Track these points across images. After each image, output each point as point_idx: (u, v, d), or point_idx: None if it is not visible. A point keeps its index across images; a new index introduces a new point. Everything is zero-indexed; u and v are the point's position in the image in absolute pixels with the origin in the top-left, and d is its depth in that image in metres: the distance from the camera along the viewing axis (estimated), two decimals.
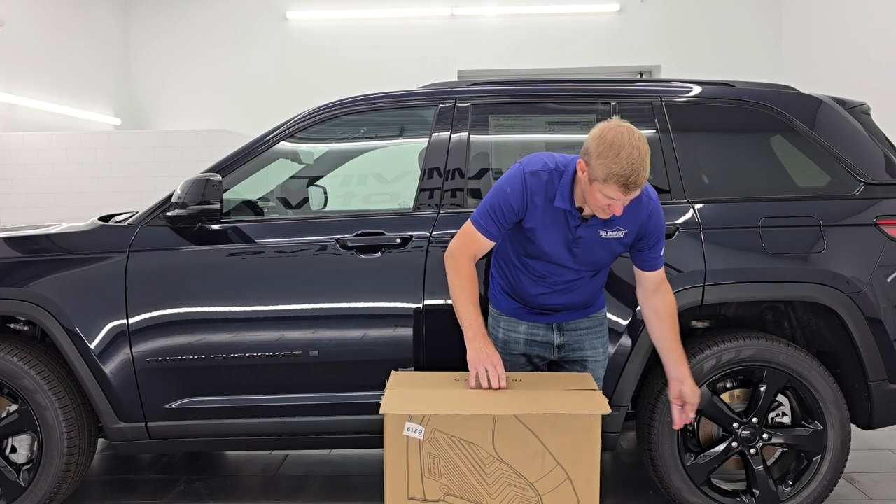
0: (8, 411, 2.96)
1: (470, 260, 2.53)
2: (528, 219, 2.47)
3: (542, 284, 2.60)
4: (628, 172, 2.20)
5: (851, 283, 2.86)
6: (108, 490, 3.51)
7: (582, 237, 2.48)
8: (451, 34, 10.18)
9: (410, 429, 2.29)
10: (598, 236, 2.48)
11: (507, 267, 2.67)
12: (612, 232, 2.48)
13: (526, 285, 2.62)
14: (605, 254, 2.54)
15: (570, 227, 2.47)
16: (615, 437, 2.93)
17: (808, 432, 2.91)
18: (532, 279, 2.60)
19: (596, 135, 2.28)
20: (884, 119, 3.61)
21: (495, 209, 2.46)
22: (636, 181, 2.22)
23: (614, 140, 2.22)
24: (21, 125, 7.92)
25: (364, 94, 3.22)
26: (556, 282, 2.59)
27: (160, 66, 10.34)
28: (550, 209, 2.45)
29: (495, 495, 2.32)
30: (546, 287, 2.60)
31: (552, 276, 2.57)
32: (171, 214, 2.97)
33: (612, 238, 2.49)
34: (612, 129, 2.26)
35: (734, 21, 10.03)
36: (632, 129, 2.26)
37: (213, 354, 2.92)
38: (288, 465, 3.78)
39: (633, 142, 2.22)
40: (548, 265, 2.55)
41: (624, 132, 2.24)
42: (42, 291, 2.91)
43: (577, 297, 2.64)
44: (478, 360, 2.41)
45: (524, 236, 2.52)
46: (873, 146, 3.08)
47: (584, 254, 2.51)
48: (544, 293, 2.61)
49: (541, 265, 2.56)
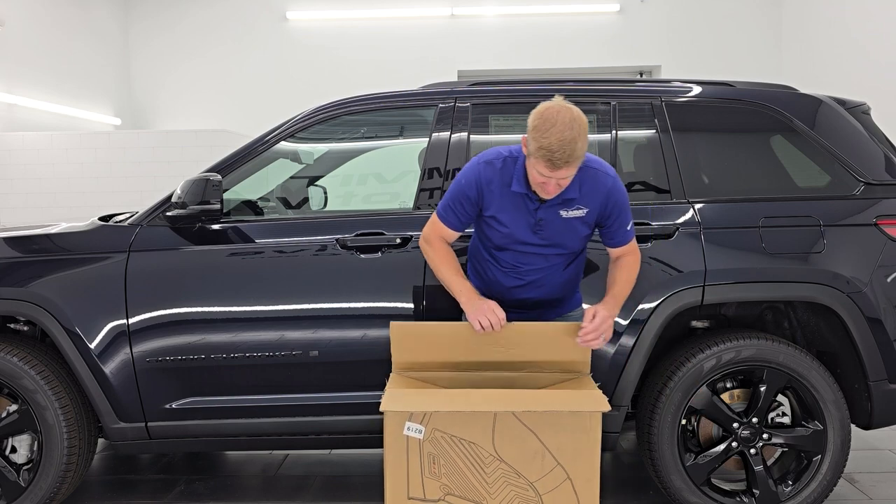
0: (8, 411, 2.96)
1: (442, 241, 2.63)
2: (487, 206, 2.54)
3: (514, 276, 2.63)
4: (555, 148, 2.27)
5: (851, 283, 2.86)
6: (108, 490, 3.51)
7: (543, 219, 2.53)
8: (451, 34, 10.19)
9: (410, 428, 2.30)
10: (560, 217, 2.53)
11: (479, 264, 2.71)
12: (572, 211, 2.52)
13: (499, 279, 2.66)
14: (570, 234, 2.57)
15: (529, 211, 2.53)
16: (615, 437, 2.93)
17: (808, 432, 2.91)
18: (504, 271, 2.64)
19: (536, 111, 2.37)
20: (884, 119, 3.61)
21: (454, 201, 2.56)
22: (563, 159, 2.28)
23: (549, 117, 2.31)
24: (21, 125, 7.92)
25: (364, 94, 3.22)
26: (528, 271, 2.62)
27: (160, 66, 10.34)
28: (508, 195, 2.52)
29: (495, 495, 2.32)
30: (518, 279, 2.63)
31: (522, 266, 2.61)
32: (171, 214, 2.97)
33: (573, 217, 2.53)
34: (552, 106, 2.35)
35: (734, 21, 10.03)
36: (570, 109, 2.33)
37: (213, 354, 2.92)
38: (288, 465, 3.78)
39: (566, 120, 2.29)
40: (516, 255, 2.60)
41: (562, 111, 2.32)
42: (42, 291, 2.91)
43: (550, 290, 2.67)
44: (477, 311, 2.50)
45: (489, 226, 2.59)
46: (873, 146, 3.08)
47: (549, 235, 2.55)
48: (517, 286, 2.64)
49: (510, 255, 2.61)
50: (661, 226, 2.92)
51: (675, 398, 2.85)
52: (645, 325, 2.85)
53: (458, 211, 2.57)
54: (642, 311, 2.85)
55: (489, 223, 2.58)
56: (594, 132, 3.19)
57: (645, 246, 2.89)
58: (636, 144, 3.17)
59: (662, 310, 2.85)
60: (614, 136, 3.08)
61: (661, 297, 2.85)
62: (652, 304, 2.85)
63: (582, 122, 2.32)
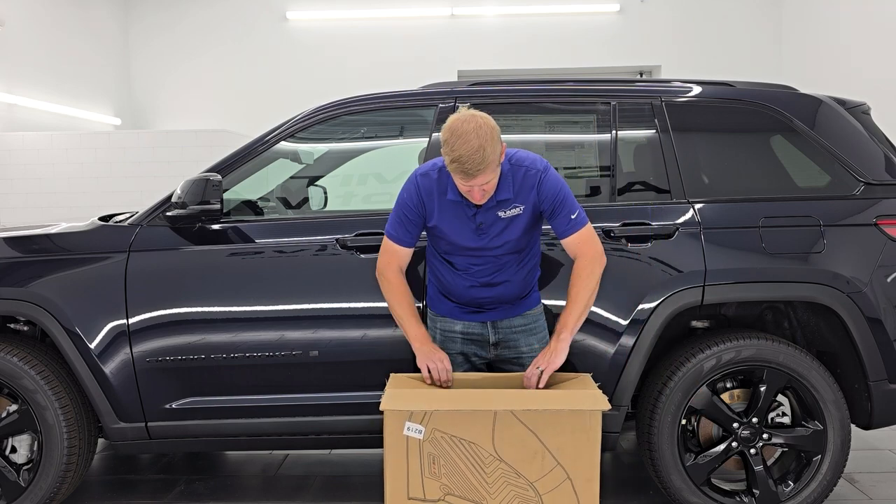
0: (8, 411, 2.96)
1: (397, 273, 2.65)
2: (430, 217, 2.58)
3: (467, 277, 2.66)
4: (465, 159, 2.30)
5: (851, 283, 2.86)
6: (108, 490, 3.51)
7: (483, 223, 2.55)
8: (451, 34, 10.18)
9: (410, 428, 2.30)
10: (499, 217, 2.56)
11: (436, 268, 2.73)
12: (509, 211, 2.55)
13: (455, 281, 2.68)
14: (514, 232, 2.58)
15: (469, 216, 2.55)
16: (615, 437, 2.93)
17: (808, 432, 2.91)
18: (458, 274, 2.66)
19: (445, 124, 2.39)
20: (884, 119, 3.61)
21: (399, 216, 2.60)
22: (474, 167, 2.31)
23: (456, 128, 2.33)
24: (21, 125, 7.92)
25: (364, 94, 3.22)
26: (481, 272, 2.64)
27: (160, 66, 10.34)
28: (446, 204, 2.56)
29: (495, 495, 2.32)
30: (471, 279, 2.65)
31: (474, 268, 2.64)
32: (171, 214, 2.97)
33: (511, 216, 2.56)
34: (458, 118, 2.37)
35: (734, 21, 10.03)
36: (476, 117, 2.35)
37: (213, 354, 2.92)
38: (288, 465, 3.78)
39: (472, 129, 2.30)
40: (467, 258, 2.63)
41: (466, 120, 2.33)
42: (42, 291, 2.91)
43: (506, 289, 2.68)
44: (426, 358, 2.57)
45: (435, 236, 2.63)
46: (873, 146, 3.08)
47: (493, 236, 2.58)
48: (473, 286, 2.67)
49: (460, 259, 2.64)
50: (661, 226, 2.91)
51: (675, 398, 2.85)
52: (645, 325, 2.85)
53: (406, 225, 2.60)
54: (642, 311, 2.85)
55: (433, 233, 2.63)
56: (594, 132, 3.20)
57: (645, 246, 2.89)
58: (636, 144, 3.17)
59: (662, 310, 2.85)
60: (614, 136, 3.08)
61: (661, 297, 2.85)
62: (652, 304, 2.85)
63: (487, 127, 2.34)
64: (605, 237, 2.90)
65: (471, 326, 2.73)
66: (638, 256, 2.90)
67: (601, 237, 2.88)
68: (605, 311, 2.87)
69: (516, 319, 2.73)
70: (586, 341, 2.87)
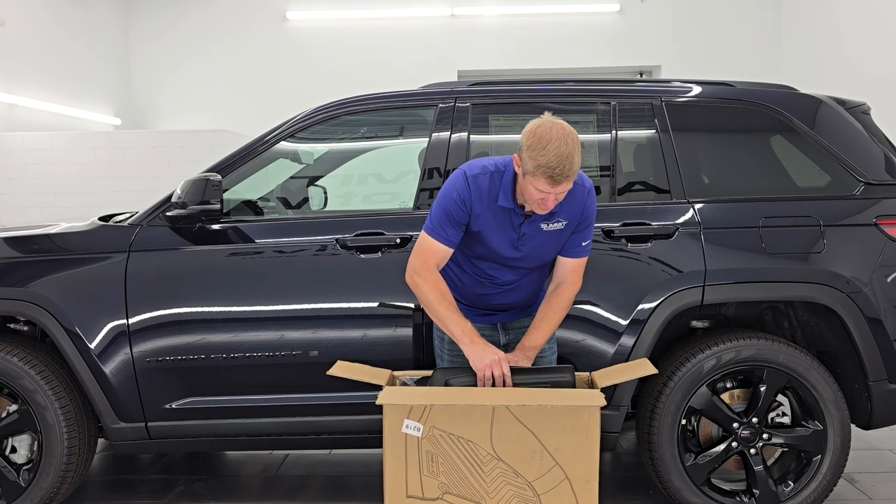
0: (8, 411, 2.96)
1: (433, 271, 2.54)
2: (474, 221, 2.52)
3: (490, 285, 2.64)
4: (555, 164, 2.27)
5: (851, 283, 2.86)
6: (108, 490, 3.51)
7: (526, 234, 2.53)
8: (451, 34, 10.18)
9: (409, 426, 2.30)
10: (541, 230, 2.53)
11: (452, 270, 2.68)
12: (553, 224, 2.53)
13: (473, 286, 2.66)
14: (549, 247, 2.58)
15: (514, 226, 2.52)
16: (615, 437, 2.93)
17: (808, 432, 2.91)
18: (478, 279, 2.64)
19: (528, 130, 2.37)
20: (884, 119, 3.61)
21: (448, 214, 2.50)
22: (563, 173, 2.29)
23: (543, 134, 2.31)
24: (21, 125, 7.92)
25: (364, 94, 3.22)
26: (504, 282, 2.62)
27: (160, 66, 10.34)
28: (494, 209, 2.51)
29: (493, 494, 2.32)
30: (493, 287, 2.64)
31: (499, 277, 2.61)
32: (171, 214, 2.97)
33: (553, 230, 2.54)
34: (543, 123, 2.35)
35: (734, 21, 10.03)
36: (563, 125, 2.34)
37: (212, 354, 2.92)
38: (288, 465, 3.78)
39: (561, 136, 2.30)
40: (495, 266, 2.60)
41: (554, 127, 2.33)
42: (42, 291, 2.91)
43: (521, 295, 2.68)
44: (481, 362, 2.44)
45: (472, 239, 2.57)
46: (873, 146, 3.08)
47: (530, 249, 2.56)
48: (491, 293, 2.65)
49: (488, 266, 2.60)
50: (661, 226, 2.92)
51: (675, 398, 2.85)
52: (645, 325, 2.85)
53: (455, 223, 2.50)
54: (642, 311, 2.85)
55: (473, 237, 2.56)
56: (594, 132, 3.20)
57: (645, 246, 2.89)
58: (636, 144, 3.17)
59: (662, 310, 2.85)
60: (614, 136, 3.08)
61: (661, 297, 2.85)
62: (652, 304, 2.85)
63: (575, 136, 2.34)
64: (606, 237, 2.90)
65: (481, 329, 2.68)
66: (638, 256, 2.90)
67: (601, 237, 2.89)
68: (605, 311, 2.87)
69: (526, 320, 2.71)
70: (586, 341, 2.88)
